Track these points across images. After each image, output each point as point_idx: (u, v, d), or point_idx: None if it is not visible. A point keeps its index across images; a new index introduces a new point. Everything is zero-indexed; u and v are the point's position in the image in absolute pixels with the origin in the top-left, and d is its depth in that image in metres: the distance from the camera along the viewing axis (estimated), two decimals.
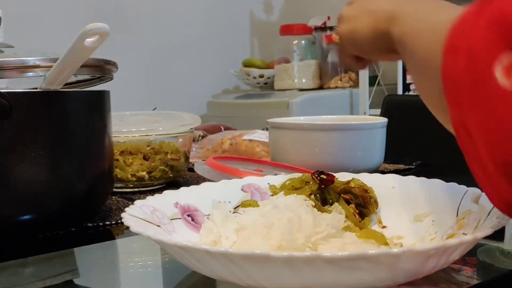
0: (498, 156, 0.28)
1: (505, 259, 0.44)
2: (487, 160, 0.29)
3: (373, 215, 0.49)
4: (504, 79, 0.26)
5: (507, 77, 0.26)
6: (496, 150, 0.28)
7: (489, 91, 0.27)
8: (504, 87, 0.26)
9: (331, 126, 0.75)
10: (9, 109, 0.48)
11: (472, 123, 0.29)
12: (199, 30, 2.16)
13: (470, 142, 0.30)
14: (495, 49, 0.27)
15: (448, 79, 0.31)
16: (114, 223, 0.57)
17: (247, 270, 0.32)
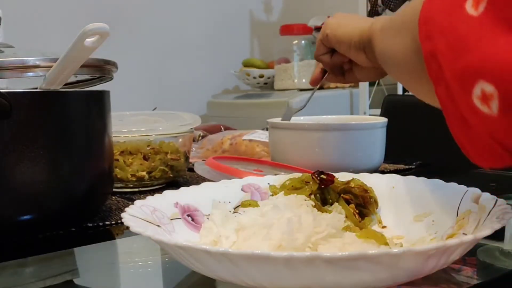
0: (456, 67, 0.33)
1: (505, 259, 0.44)
2: (449, 75, 0.33)
3: (373, 215, 0.49)
4: (472, 9, 0.32)
5: (475, 7, 0.32)
6: (456, 60, 0.33)
7: (459, 19, 0.33)
8: (472, 14, 0.32)
9: (331, 126, 0.75)
10: (9, 109, 0.48)
11: (440, 47, 0.34)
12: (199, 30, 2.16)
13: (437, 68, 0.34)
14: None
15: (424, 19, 0.36)
16: (114, 223, 0.57)
17: (247, 270, 0.32)
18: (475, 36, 0.32)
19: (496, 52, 0.30)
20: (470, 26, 0.32)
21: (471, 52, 0.32)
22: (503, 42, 0.30)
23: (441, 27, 0.34)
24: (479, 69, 0.31)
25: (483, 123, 0.32)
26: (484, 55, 0.31)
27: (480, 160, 0.35)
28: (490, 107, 0.31)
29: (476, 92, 0.31)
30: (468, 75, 0.32)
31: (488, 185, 0.38)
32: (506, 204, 0.40)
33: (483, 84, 0.31)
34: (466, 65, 0.32)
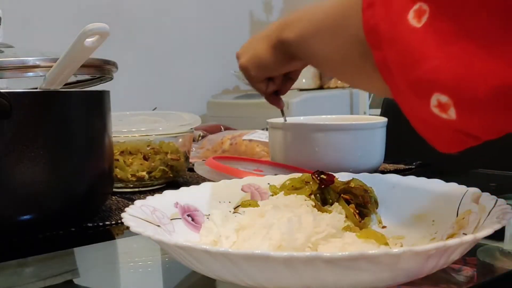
0: (409, 79, 0.35)
1: (505, 259, 0.44)
2: (403, 84, 0.35)
3: (373, 215, 0.49)
4: (414, 21, 0.34)
5: (417, 18, 0.34)
6: (408, 71, 0.34)
7: (403, 30, 0.34)
8: (414, 26, 0.34)
9: (331, 126, 0.75)
10: (9, 109, 0.48)
11: (390, 56, 0.36)
12: (199, 30, 2.16)
13: (390, 75, 0.36)
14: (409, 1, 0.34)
15: (369, 28, 0.37)
16: (114, 223, 0.57)
17: (247, 270, 0.32)
18: (421, 48, 0.34)
19: (442, 63, 0.32)
20: (415, 38, 0.34)
21: (420, 64, 0.34)
22: (447, 53, 0.32)
23: (388, 37, 0.36)
24: (432, 82, 0.33)
25: (444, 124, 0.34)
26: (432, 67, 0.33)
27: (445, 148, 0.38)
28: (448, 114, 0.33)
29: (433, 102, 0.34)
30: (422, 87, 0.34)
31: (488, 185, 0.38)
32: (506, 204, 0.40)
33: (438, 95, 0.33)
34: (418, 77, 0.34)
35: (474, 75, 0.31)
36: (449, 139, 0.36)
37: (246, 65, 0.63)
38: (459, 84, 0.32)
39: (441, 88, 0.33)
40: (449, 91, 0.33)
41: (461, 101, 0.32)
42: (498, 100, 0.31)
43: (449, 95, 0.33)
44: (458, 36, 0.32)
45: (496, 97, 0.31)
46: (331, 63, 0.47)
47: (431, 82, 0.33)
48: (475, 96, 0.31)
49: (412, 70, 0.34)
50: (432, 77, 0.33)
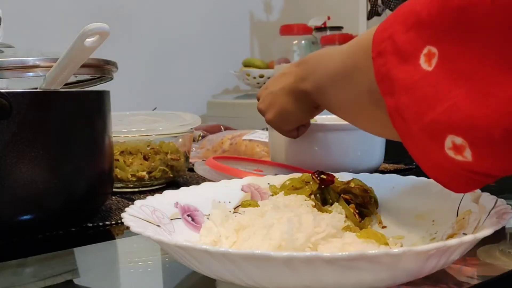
0: (422, 124, 0.35)
1: (505, 259, 0.44)
2: (415, 129, 0.35)
3: (373, 215, 0.49)
4: (425, 64, 0.34)
5: (428, 62, 0.34)
6: (421, 116, 0.35)
7: (416, 76, 0.35)
8: (426, 70, 0.34)
9: (331, 126, 0.75)
10: (9, 109, 0.48)
11: (404, 104, 0.36)
12: (199, 30, 2.16)
13: (402, 122, 0.37)
14: (418, 45, 0.35)
15: (382, 76, 0.37)
16: (114, 223, 0.57)
17: (247, 270, 0.32)
18: (434, 91, 0.34)
19: (455, 104, 0.32)
20: (428, 81, 0.34)
21: (434, 107, 0.34)
22: (459, 94, 0.32)
23: (403, 85, 0.36)
24: (446, 123, 0.33)
25: (459, 167, 0.34)
26: (446, 109, 0.33)
27: (460, 189, 0.38)
28: (464, 156, 0.33)
29: (448, 145, 0.33)
30: (436, 130, 0.34)
31: (488, 185, 0.38)
32: (506, 204, 0.40)
33: (453, 137, 0.33)
34: (432, 121, 0.34)
35: (488, 115, 0.31)
36: (464, 181, 0.36)
37: (275, 120, 0.64)
38: (474, 125, 0.31)
39: (455, 129, 0.33)
40: (464, 132, 0.32)
41: (477, 142, 0.32)
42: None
43: (464, 136, 0.32)
44: (469, 76, 0.32)
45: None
46: (346, 111, 0.48)
47: (444, 124, 0.33)
48: (490, 137, 0.31)
49: (426, 115, 0.34)
50: (445, 119, 0.33)
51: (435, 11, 0.34)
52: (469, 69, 0.32)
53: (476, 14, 0.31)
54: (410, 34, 0.35)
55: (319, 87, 0.51)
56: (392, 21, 0.38)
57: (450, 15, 0.33)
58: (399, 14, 0.37)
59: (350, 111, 0.48)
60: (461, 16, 0.32)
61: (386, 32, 0.38)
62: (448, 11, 0.33)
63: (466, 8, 0.32)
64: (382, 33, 0.38)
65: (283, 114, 0.62)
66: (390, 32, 0.37)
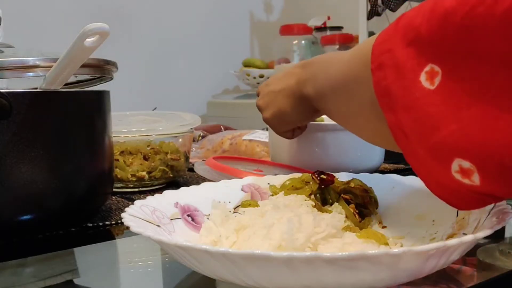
0: (427, 145, 0.34)
1: (505, 259, 0.44)
2: (420, 149, 0.34)
3: (373, 215, 0.49)
4: (427, 83, 0.33)
5: (429, 80, 0.33)
6: (426, 137, 0.34)
7: (417, 94, 0.34)
8: (428, 88, 0.33)
9: (331, 126, 0.75)
10: (9, 109, 0.48)
11: (406, 122, 0.35)
12: (199, 30, 2.16)
13: (405, 139, 0.36)
14: (420, 62, 0.34)
15: (381, 91, 0.36)
16: (114, 223, 0.57)
17: (247, 270, 0.32)
18: (438, 111, 0.33)
19: (463, 128, 0.31)
20: (430, 101, 0.33)
21: (438, 128, 0.33)
22: (466, 117, 0.31)
23: (402, 102, 0.35)
24: (452, 147, 0.32)
25: (467, 189, 0.33)
26: (453, 132, 0.32)
27: (465, 207, 0.37)
28: (471, 180, 0.32)
29: (454, 168, 0.33)
30: (442, 152, 0.33)
31: None
32: (506, 204, 0.40)
33: (460, 161, 0.32)
34: (437, 143, 0.33)
35: (498, 140, 0.30)
36: (470, 201, 0.35)
37: (272, 119, 0.64)
38: (483, 150, 0.31)
39: (463, 154, 0.32)
40: (472, 157, 0.31)
41: (486, 168, 0.31)
42: None
43: (472, 161, 0.31)
44: (476, 98, 0.31)
45: None
46: (347, 121, 0.47)
47: (451, 147, 0.32)
48: (501, 163, 0.30)
49: (431, 136, 0.33)
50: (452, 142, 0.32)
51: (435, 29, 0.33)
52: (477, 90, 0.31)
53: (481, 33, 0.30)
54: (410, 50, 0.34)
55: (320, 93, 0.51)
56: (392, 32, 0.37)
57: (453, 34, 0.32)
58: (399, 26, 0.36)
59: (351, 121, 0.47)
60: (465, 35, 0.31)
61: (386, 45, 0.37)
62: (450, 30, 0.32)
63: (471, 27, 0.31)
64: (382, 45, 0.37)
65: (281, 115, 0.62)
66: (389, 45, 0.36)
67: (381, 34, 0.38)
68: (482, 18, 0.30)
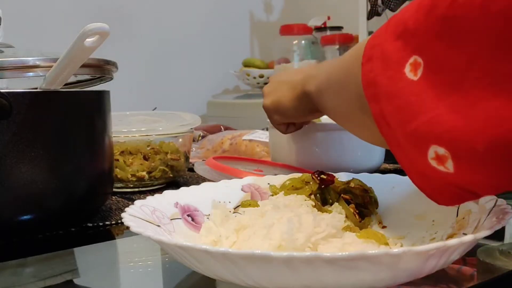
0: (406, 132, 0.34)
1: (505, 259, 0.44)
2: (400, 137, 0.35)
3: (373, 215, 0.49)
4: (411, 74, 0.34)
5: (413, 72, 0.34)
6: (405, 124, 0.34)
7: (400, 84, 0.35)
8: (411, 79, 0.34)
9: (331, 126, 0.75)
10: (9, 109, 0.48)
11: (388, 110, 0.36)
12: (199, 30, 2.16)
13: (388, 128, 0.36)
14: (405, 54, 0.35)
15: (367, 82, 0.37)
16: (114, 223, 0.57)
17: (247, 270, 0.32)
18: (418, 100, 0.34)
19: (439, 116, 0.32)
20: (412, 90, 0.34)
21: (417, 116, 0.34)
22: (443, 106, 0.32)
23: (386, 91, 0.36)
24: (429, 133, 0.33)
25: (442, 178, 0.34)
26: (430, 119, 0.33)
27: (443, 202, 0.37)
28: (446, 167, 0.33)
29: (431, 155, 0.33)
30: (419, 139, 0.34)
31: None
32: (506, 204, 0.40)
33: (436, 147, 0.33)
34: (415, 129, 0.34)
35: (471, 127, 0.31)
36: (447, 194, 0.36)
37: (269, 107, 0.64)
38: (457, 136, 0.31)
39: (438, 140, 0.33)
40: (446, 143, 0.32)
41: (459, 153, 0.32)
42: (496, 154, 0.30)
43: (447, 147, 0.32)
44: (454, 88, 0.32)
45: (494, 150, 0.30)
46: (338, 115, 0.49)
47: (427, 134, 0.33)
48: (473, 148, 0.31)
49: (409, 123, 0.34)
50: (428, 129, 0.33)
51: (421, 20, 0.34)
52: (454, 81, 0.32)
53: (462, 24, 0.31)
54: (398, 43, 0.35)
55: (318, 89, 0.52)
56: (384, 28, 0.38)
57: (436, 25, 0.33)
58: (391, 22, 0.37)
59: (341, 116, 0.48)
60: (447, 26, 0.32)
61: (377, 39, 0.38)
62: (433, 21, 0.33)
63: (452, 18, 0.32)
64: (374, 39, 0.38)
65: (279, 105, 0.63)
66: (380, 39, 0.37)
67: (377, 31, 0.39)
68: (462, 8, 0.31)
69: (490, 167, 0.31)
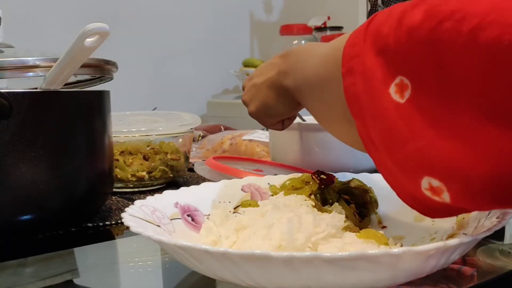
0: (396, 158, 0.33)
1: (505, 259, 0.44)
2: (388, 161, 0.34)
3: (373, 215, 0.49)
4: (396, 95, 0.32)
5: (399, 93, 0.32)
6: (394, 153, 0.33)
7: (385, 106, 0.33)
8: (397, 101, 0.32)
9: None
10: (9, 109, 0.48)
11: (374, 133, 0.34)
12: (199, 30, 2.16)
13: (374, 148, 0.35)
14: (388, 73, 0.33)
15: (351, 97, 0.36)
16: (114, 223, 0.57)
17: (247, 270, 0.32)
18: (406, 125, 0.32)
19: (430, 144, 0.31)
20: (399, 114, 0.32)
21: (407, 144, 0.32)
22: (433, 133, 0.31)
23: (371, 111, 0.34)
24: (421, 163, 0.31)
25: (437, 205, 0.33)
26: (421, 148, 0.31)
27: (435, 216, 0.36)
28: (442, 198, 0.32)
29: (424, 185, 0.32)
30: (411, 168, 0.32)
31: None
32: None
33: (429, 179, 0.31)
34: (405, 158, 0.32)
35: (465, 160, 0.29)
36: (442, 213, 0.35)
37: (257, 114, 0.62)
38: (451, 169, 0.30)
39: (432, 171, 0.31)
40: (441, 176, 0.31)
41: (455, 187, 0.31)
42: (491, 189, 0.29)
43: (441, 180, 0.31)
44: (444, 116, 0.30)
45: (489, 186, 0.29)
46: (322, 119, 0.46)
47: (419, 163, 0.32)
48: (468, 184, 0.30)
49: (399, 150, 0.33)
50: (420, 159, 0.31)
51: (403, 41, 0.32)
52: (444, 107, 0.30)
53: (448, 49, 0.29)
54: (380, 59, 0.34)
55: (298, 87, 0.49)
56: (361, 36, 0.36)
57: (419, 46, 0.31)
58: (368, 31, 0.35)
59: (325, 120, 0.46)
60: (431, 49, 0.30)
61: (356, 49, 0.36)
62: (416, 42, 0.31)
63: (437, 42, 0.30)
64: (352, 48, 0.36)
65: (265, 108, 0.60)
66: (359, 49, 0.35)
67: (352, 35, 0.37)
68: (448, 33, 0.29)
69: (486, 198, 0.30)
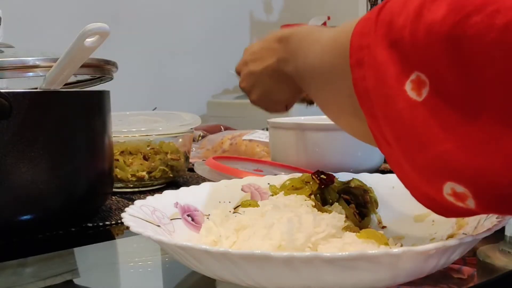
0: (415, 163, 0.31)
1: (505, 259, 0.44)
2: (403, 162, 0.32)
3: (373, 215, 0.49)
4: (413, 93, 0.29)
5: (416, 91, 0.29)
6: (412, 157, 0.31)
7: (400, 106, 0.30)
8: (414, 99, 0.29)
9: (331, 126, 0.75)
10: (9, 109, 0.48)
11: (388, 132, 0.32)
12: (199, 30, 2.16)
13: (388, 147, 0.33)
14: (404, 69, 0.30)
15: (361, 92, 0.33)
16: (114, 223, 0.57)
17: (247, 270, 0.32)
18: (426, 127, 0.29)
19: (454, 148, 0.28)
20: (416, 114, 0.29)
21: (426, 148, 0.30)
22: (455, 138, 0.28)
23: (384, 111, 0.31)
24: (443, 169, 0.29)
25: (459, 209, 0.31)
26: (442, 152, 0.29)
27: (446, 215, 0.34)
28: (466, 204, 0.30)
29: (446, 190, 0.30)
30: (432, 173, 0.30)
31: None
32: None
33: (453, 185, 0.29)
34: (426, 163, 0.30)
35: (495, 165, 0.27)
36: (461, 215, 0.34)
37: (260, 101, 0.60)
38: (479, 176, 0.28)
39: (456, 177, 0.29)
40: (467, 183, 0.29)
41: (482, 195, 0.28)
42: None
43: (467, 186, 0.29)
44: (469, 116, 0.27)
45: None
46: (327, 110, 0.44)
47: (442, 170, 0.29)
48: (499, 191, 0.27)
49: (418, 154, 0.30)
50: (443, 165, 0.29)
51: (422, 34, 0.29)
52: (467, 110, 0.28)
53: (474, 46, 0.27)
54: (393, 53, 0.31)
55: (300, 75, 0.47)
56: (372, 25, 0.33)
57: (441, 42, 0.28)
58: (379, 20, 0.32)
59: (330, 110, 0.44)
60: (455, 45, 0.27)
61: (366, 39, 0.33)
62: (436, 38, 0.28)
63: (462, 38, 0.27)
64: (361, 38, 0.33)
65: (268, 96, 0.58)
66: (369, 39, 0.33)
67: (360, 22, 0.34)
68: (477, 27, 0.26)
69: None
